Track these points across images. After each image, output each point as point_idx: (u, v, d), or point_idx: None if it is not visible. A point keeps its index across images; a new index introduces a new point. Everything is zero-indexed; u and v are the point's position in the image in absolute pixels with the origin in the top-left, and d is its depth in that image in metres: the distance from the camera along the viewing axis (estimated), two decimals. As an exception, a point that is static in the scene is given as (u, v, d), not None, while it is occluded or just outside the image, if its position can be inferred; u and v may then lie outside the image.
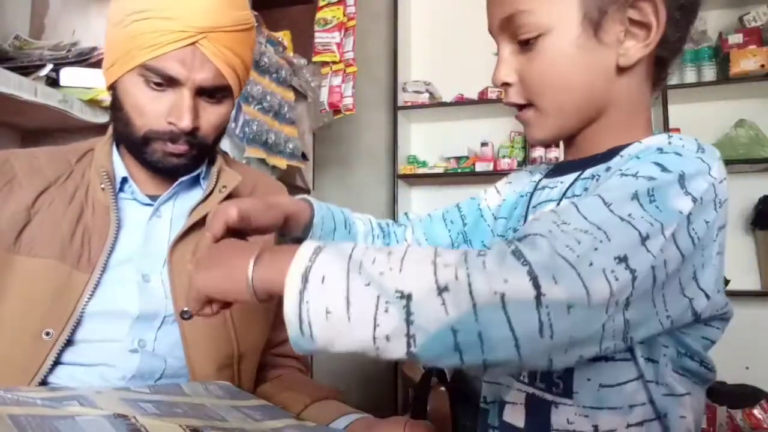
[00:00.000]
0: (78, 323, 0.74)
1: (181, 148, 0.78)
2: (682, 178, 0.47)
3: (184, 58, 0.74)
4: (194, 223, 0.80)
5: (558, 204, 0.59)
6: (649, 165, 0.48)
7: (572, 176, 0.60)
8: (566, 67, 0.54)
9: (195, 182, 0.86)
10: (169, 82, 0.75)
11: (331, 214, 0.68)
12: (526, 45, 0.56)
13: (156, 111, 0.76)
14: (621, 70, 0.55)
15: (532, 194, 0.66)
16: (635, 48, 0.54)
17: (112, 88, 0.80)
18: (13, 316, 0.73)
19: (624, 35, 0.54)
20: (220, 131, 0.83)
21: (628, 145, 0.55)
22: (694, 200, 0.46)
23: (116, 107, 0.80)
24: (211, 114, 0.80)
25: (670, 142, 0.52)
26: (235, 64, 0.79)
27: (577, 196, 0.57)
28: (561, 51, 0.54)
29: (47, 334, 0.72)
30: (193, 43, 0.74)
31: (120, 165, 0.83)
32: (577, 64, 0.54)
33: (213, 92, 0.79)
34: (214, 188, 0.84)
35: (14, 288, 0.73)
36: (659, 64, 0.58)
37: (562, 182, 0.61)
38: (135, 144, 0.79)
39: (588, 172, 0.57)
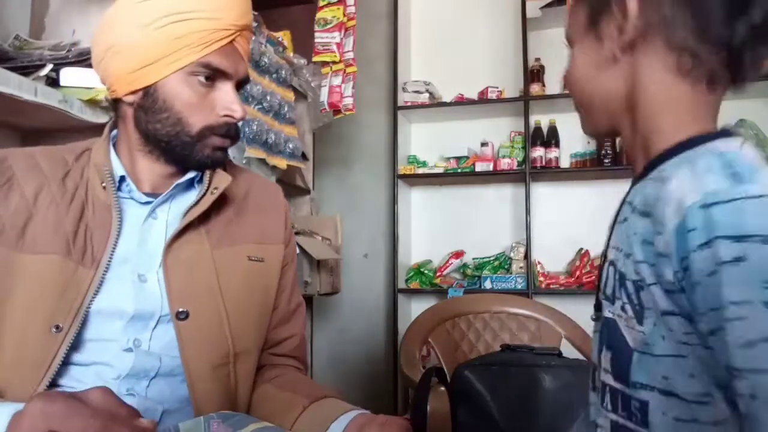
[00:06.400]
0: (84, 320, 0.74)
1: (227, 141, 0.84)
2: None
3: (229, 54, 0.80)
4: (189, 225, 0.81)
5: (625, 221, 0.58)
6: None
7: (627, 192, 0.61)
8: (581, 65, 0.63)
9: (190, 184, 0.87)
10: (219, 77, 0.81)
11: None
12: None
13: (209, 107, 0.81)
14: (617, 58, 0.59)
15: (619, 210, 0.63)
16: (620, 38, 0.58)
17: (146, 90, 0.79)
18: (21, 314, 0.73)
19: (617, 31, 0.58)
20: None
21: (668, 155, 0.54)
22: None
23: (158, 109, 0.79)
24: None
25: None
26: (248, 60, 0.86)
27: (627, 220, 0.57)
28: (578, 52, 0.63)
29: (57, 327, 0.72)
30: (232, 41, 0.81)
31: (118, 164, 0.83)
32: (587, 61, 0.62)
33: (241, 86, 0.85)
34: (207, 189, 0.84)
35: (21, 286, 0.73)
36: (690, 55, 0.54)
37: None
38: (183, 143, 0.80)
39: (632, 192, 0.58)
